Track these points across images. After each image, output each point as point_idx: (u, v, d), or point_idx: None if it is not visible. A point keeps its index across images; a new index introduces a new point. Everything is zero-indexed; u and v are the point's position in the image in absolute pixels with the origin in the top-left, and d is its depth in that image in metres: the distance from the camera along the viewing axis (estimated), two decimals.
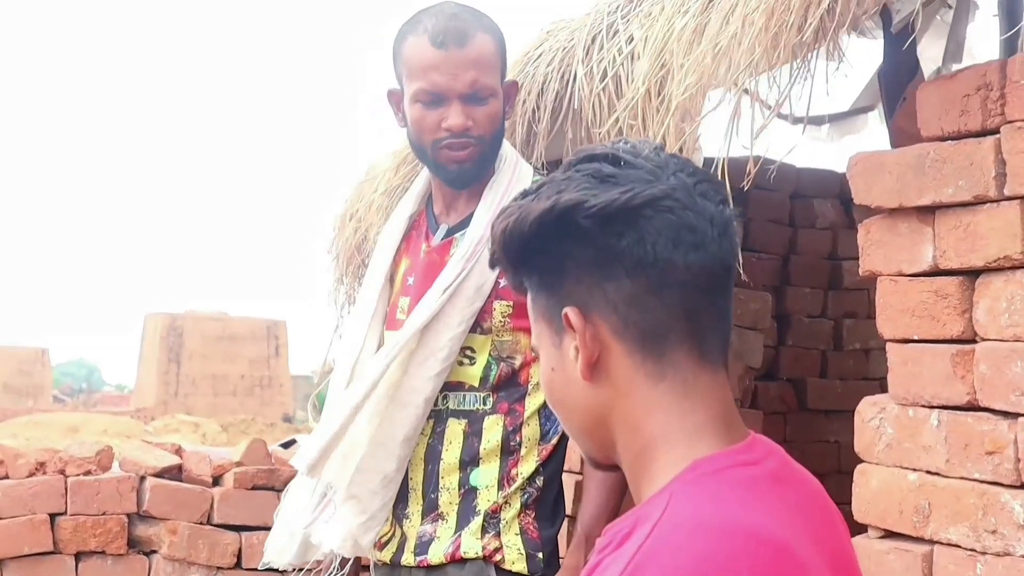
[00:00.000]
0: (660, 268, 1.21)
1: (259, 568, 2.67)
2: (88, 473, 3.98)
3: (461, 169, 2.45)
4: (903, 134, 3.16)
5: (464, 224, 2.49)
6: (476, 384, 2.44)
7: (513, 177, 2.48)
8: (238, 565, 4.04)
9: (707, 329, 1.25)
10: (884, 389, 3.97)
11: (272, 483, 4.09)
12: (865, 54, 3.52)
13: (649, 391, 1.23)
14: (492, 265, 1.32)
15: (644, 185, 1.22)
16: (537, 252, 1.25)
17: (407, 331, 2.43)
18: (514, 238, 1.25)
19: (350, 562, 2.65)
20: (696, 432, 1.23)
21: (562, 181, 1.24)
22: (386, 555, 2.52)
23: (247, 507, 4.06)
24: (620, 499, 2.40)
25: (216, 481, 4.11)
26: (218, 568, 4.02)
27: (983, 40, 3.73)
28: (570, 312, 1.23)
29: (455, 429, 2.45)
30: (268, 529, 4.03)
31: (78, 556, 3.95)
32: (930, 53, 3.47)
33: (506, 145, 2.55)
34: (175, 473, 4.07)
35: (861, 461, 2.50)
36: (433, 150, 2.45)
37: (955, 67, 3.57)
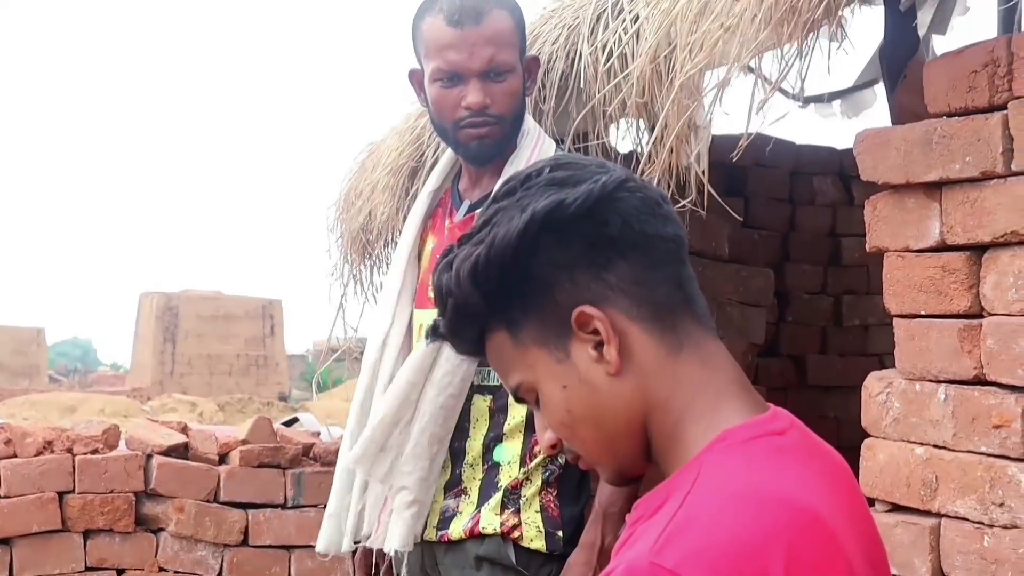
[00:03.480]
0: (648, 244, 1.25)
1: (318, 555, 2.70)
2: (95, 452, 3.99)
3: (481, 145, 2.45)
4: (905, 110, 3.17)
5: (485, 200, 2.50)
6: None
7: (535, 152, 2.47)
8: (245, 543, 4.06)
9: (695, 296, 1.29)
10: (883, 365, 3.98)
11: (278, 461, 4.10)
12: (867, 27, 3.53)
13: (673, 364, 1.25)
14: (456, 323, 1.27)
15: (605, 174, 1.25)
16: (518, 275, 1.24)
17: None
18: (492, 268, 1.23)
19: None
20: (720, 398, 1.25)
21: (519, 200, 1.25)
22: None
23: (253, 485, 4.07)
24: None
25: (222, 459, 4.13)
26: (225, 545, 4.04)
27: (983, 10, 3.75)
28: (586, 309, 1.23)
29: (480, 406, 2.47)
30: (274, 507, 4.10)
31: (86, 534, 3.97)
32: (923, 20, 3.48)
33: (529, 120, 2.55)
34: (181, 451, 4.09)
35: (861, 436, 2.52)
36: (454, 129, 2.46)
37: (936, 37, 3.60)
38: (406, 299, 2.60)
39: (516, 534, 2.40)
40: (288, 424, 5.03)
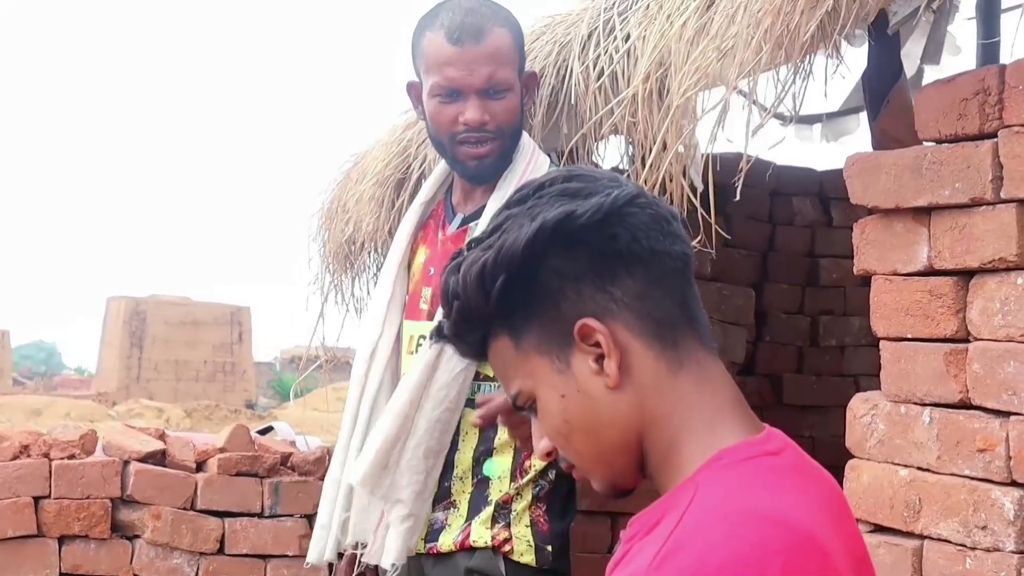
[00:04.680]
0: (654, 260, 1.26)
1: (304, 567, 2.70)
2: (72, 457, 3.97)
3: (480, 166, 2.47)
4: (887, 136, 3.20)
5: (478, 214, 2.51)
6: (492, 374, 2.46)
7: (528, 168, 2.49)
8: (221, 551, 4.04)
9: (698, 315, 1.31)
10: (859, 385, 4.00)
11: (255, 469, 4.09)
12: (853, 57, 3.57)
13: (672, 381, 1.26)
14: (461, 326, 1.29)
15: (617, 188, 1.26)
16: (524, 282, 1.25)
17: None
18: (498, 273, 1.25)
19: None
20: (717, 417, 1.27)
21: (530, 208, 1.26)
22: None
23: (230, 493, 4.06)
24: None
25: (200, 467, 4.11)
26: (201, 554, 4.02)
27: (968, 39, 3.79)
28: (589, 322, 1.24)
29: (470, 419, 2.47)
30: (251, 515, 4.08)
31: (61, 540, 3.94)
32: (913, 52, 3.52)
33: (525, 136, 2.56)
34: (159, 458, 4.07)
35: (837, 455, 2.54)
36: (451, 144, 2.47)
37: (928, 67, 3.64)
38: (395, 310, 2.61)
39: (507, 548, 2.41)
40: (262, 433, 5.01)
